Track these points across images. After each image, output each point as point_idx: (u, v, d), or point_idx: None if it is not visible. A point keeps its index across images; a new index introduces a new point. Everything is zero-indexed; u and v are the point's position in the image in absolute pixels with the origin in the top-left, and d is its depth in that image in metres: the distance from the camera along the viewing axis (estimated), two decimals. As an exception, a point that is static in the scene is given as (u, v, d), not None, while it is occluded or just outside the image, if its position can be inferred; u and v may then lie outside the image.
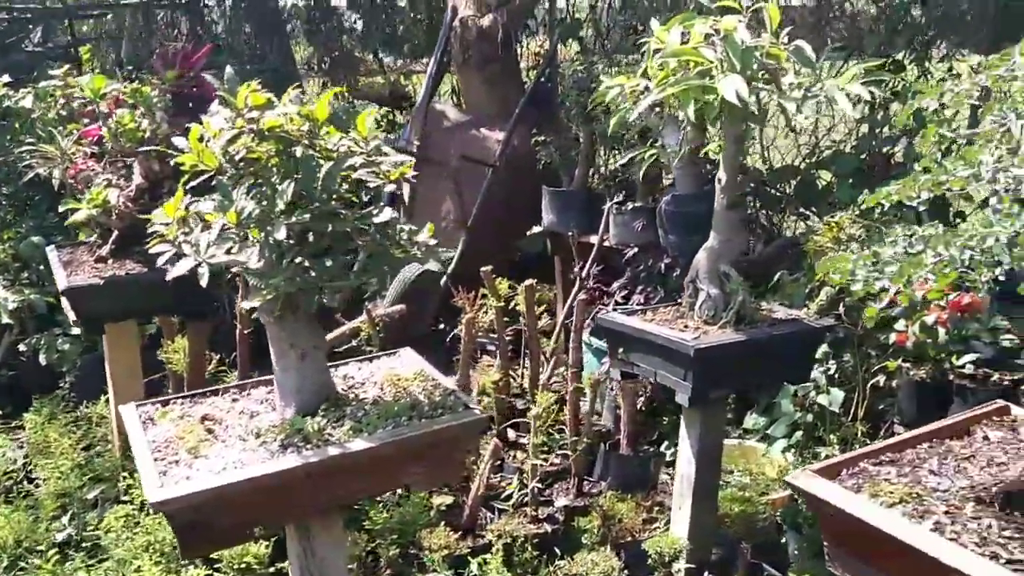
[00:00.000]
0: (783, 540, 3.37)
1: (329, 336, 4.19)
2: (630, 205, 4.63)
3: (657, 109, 3.30)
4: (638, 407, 4.11)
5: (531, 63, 6.65)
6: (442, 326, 5.37)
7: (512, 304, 4.13)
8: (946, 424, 2.35)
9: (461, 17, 5.97)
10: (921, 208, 3.34)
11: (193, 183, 2.04)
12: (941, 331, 3.32)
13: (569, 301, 4.36)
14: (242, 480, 1.95)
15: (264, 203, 1.92)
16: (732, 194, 3.00)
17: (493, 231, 5.84)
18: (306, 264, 2.03)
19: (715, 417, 3.14)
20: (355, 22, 8.61)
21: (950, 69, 4.50)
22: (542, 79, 5.71)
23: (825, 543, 2.10)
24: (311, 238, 2.05)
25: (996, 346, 3.52)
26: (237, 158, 2.02)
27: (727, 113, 2.85)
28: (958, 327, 3.29)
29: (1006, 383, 3.37)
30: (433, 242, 2.30)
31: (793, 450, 3.81)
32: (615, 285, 4.81)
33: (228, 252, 2.01)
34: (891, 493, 2.01)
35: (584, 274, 4.55)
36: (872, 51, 4.67)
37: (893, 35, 4.72)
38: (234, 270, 2.00)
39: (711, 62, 2.75)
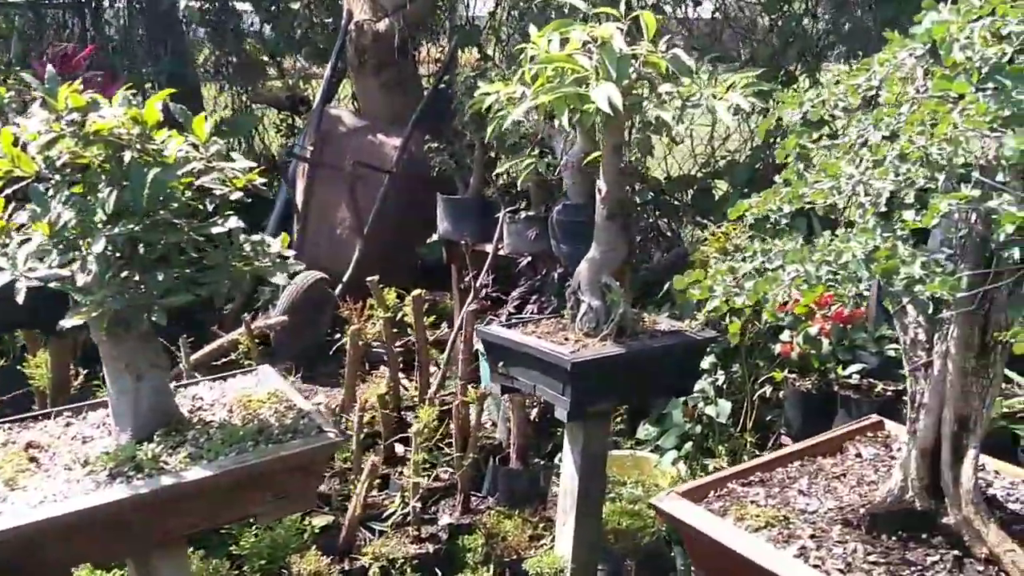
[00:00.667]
0: (672, 554, 3.31)
1: (203, 351, 4.00)
2: (523, 214, 4.54)
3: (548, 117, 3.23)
4: (531, 418, 4.02)
5: (432, 69, 6.53)
6: (339, 336, 5.21)
7: (401, 315, 4.00)
8: (819, 441, 2.31)
9: (356, 21, 5.81)
10: (815, 216, 3.34)
11: (9, 190, 1.86)
12: (825, 342, 3.30)
13: (462, 312, 4.25)
14: (61, 515, 1.78)
15: (83, 212, 1.75)
16: (613, 204, 2.94)
17: (391, 238, 5.70)
18: (136, 278, 1.87)
19: (598, 431, 3.05)
20: (257, 25, 8.37)
21: (814, 81, 4.53)
22: (439, 85, 5.59)
23: (693, 568, 2.03)
24: (142, 250, 1.89)
25: (881, 356, 3.54)
26: (59, 163, 1.85)
27: (604, 122, 2.78)
28: (842, 337, 3.28)
29: (889, 393, 3.38)
30: (289, 253, 2.17)
31: (684, 461, 3.76)
32: (514, 294, 4.73)
33: (51, 266, 1.84)
34: (757, 517, 1.95)
35: (477, 283, 4.46)
36: (764, 62, 4.69)
37: (786, 47, 4.75)
38: (52, 285, 1.82)
39: (586, 70, 2.68)
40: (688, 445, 3.79)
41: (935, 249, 1.94)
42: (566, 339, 2.92)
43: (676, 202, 5.48)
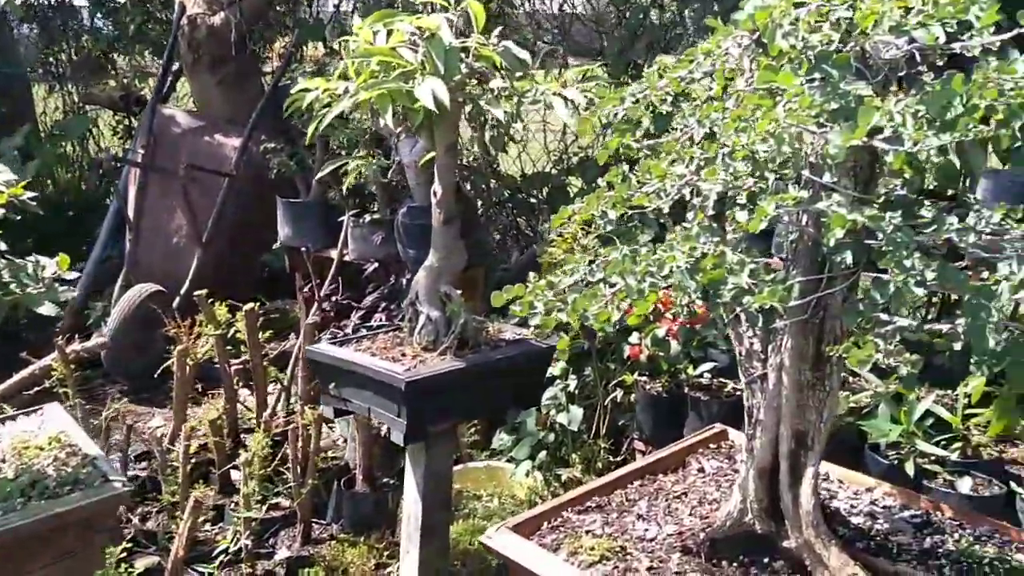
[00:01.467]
0: None
1: (8, 381, 3.60)
2: (367, 217, 4.31)
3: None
4: (380, 436, 3.79)
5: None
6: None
7: (234, 331, 3.70)
8: (661, 457, 2.18)
9: (189, 15, 5.43)
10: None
11: None
12: (673, 343, 3.20)
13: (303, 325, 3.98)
14: None
15: None
16: (448, 208, 2.75)
17: (232, 246, 5.35)
18: None
19: (441, 451, 2.85)
20: (91, 21, 7.80)
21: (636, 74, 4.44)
22: (280, 83, 5.27)
23: (526, 607, 1.86)
24: None
25: (732, 353, 3.47)
26: None
27: (436, 120, 2.59)
28: (689, 338, 3.19)
29: (740, 392, 3.31)
30: (72, 276, 1.89)
31: (539, 471, 3.61)
32: (366, 302, 4.49)
33: None
34: (592, 550, 1.79)
35: (321, 292, 4.19)
36: (613, 57, 4.59)
37: (634, 39, 4.66)
38: None
39: (411, 64, 2.48)
40: (542, 454, 3.65)
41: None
42: (403, 355, 2.71)
43: (533, 200, 5.35)
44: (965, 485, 2.74)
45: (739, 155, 1.56)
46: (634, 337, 3.36)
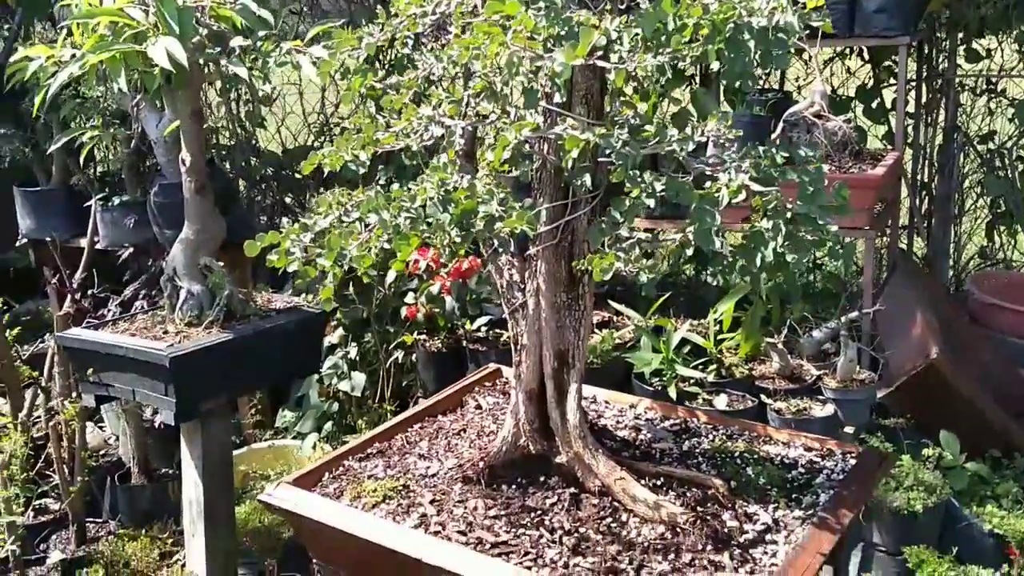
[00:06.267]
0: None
1: None
2: (117, 200, 4.06)
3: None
4: (155, 424, 3.61)
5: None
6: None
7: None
8: (439, 399, 2.22)
9: None
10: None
11: None
12: (448, 299, 3.25)
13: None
14: None
15: None
16: (199, 176, 2.65)
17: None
18: None
19: (218, 429, 2.75)
20: None
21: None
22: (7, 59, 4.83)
23: (315, 564, 1.84)
24: None
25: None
26: None
27: (177, 82, 2.48)
28: (462, 292, 3.25)
29: (515, 340, 3.42)
30: None
31: (326, 443, 3.57)
32: (127, 292, 4.23)
33: None
34: (375, 492, 1.80)
35: (73, 284, 3.91)
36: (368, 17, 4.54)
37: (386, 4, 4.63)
38: None
39: (141, 24, 2.36)
40: (328, 425, 3.61)
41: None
42: (165, 332, 2.60)
43: (298, 175, 5.23)
44: (721, 402, 2.98)
45: (477, 87, 1.60)
46: (410, 297, 3.38)
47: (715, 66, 1.50)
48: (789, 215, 1.55)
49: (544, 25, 1.45)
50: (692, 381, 3.07)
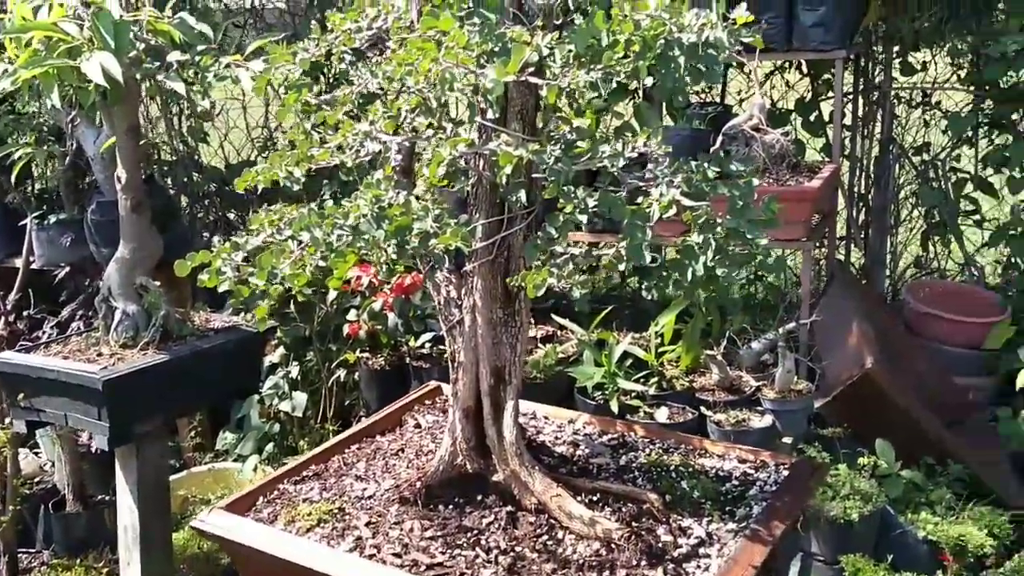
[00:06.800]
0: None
1: None
2: (53, 218, 3.97)
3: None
4: (90, 449, 3.52)
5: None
6: None
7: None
8: (377, 419, 2.20)
9: None
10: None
11: None
12: (390, 316, 3.23)
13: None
14: None
15: None
16: (135, 194, 2.60)
17: None
18: None
19: (153, 453, 2.69)
20: None
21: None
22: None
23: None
24: None
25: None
26: None
27: (112, 98, 2.44)
28: (404, 308, 3.23)
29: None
30: None
31: (267, 465, 3.51)
32: (65, 313, 4.14)
33: None
34: (309, 515, 1.78)
35: (6, 305, 3.81)
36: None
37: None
38: None
39: (76, 39, 2.32)
40: (270, 446, 3.55)
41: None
42: (99, 355, 2.54)
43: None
44: (662, 414, 2.99)
45: (412, 102, 1.59)
46: (352, 314, 3.35)
47: (648, 81, 1.52)
48: (720, 229, 1.57)
49: (477, 41, 1.45)
50: (634, 394, 3.08)
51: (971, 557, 2.65)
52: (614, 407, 2.97)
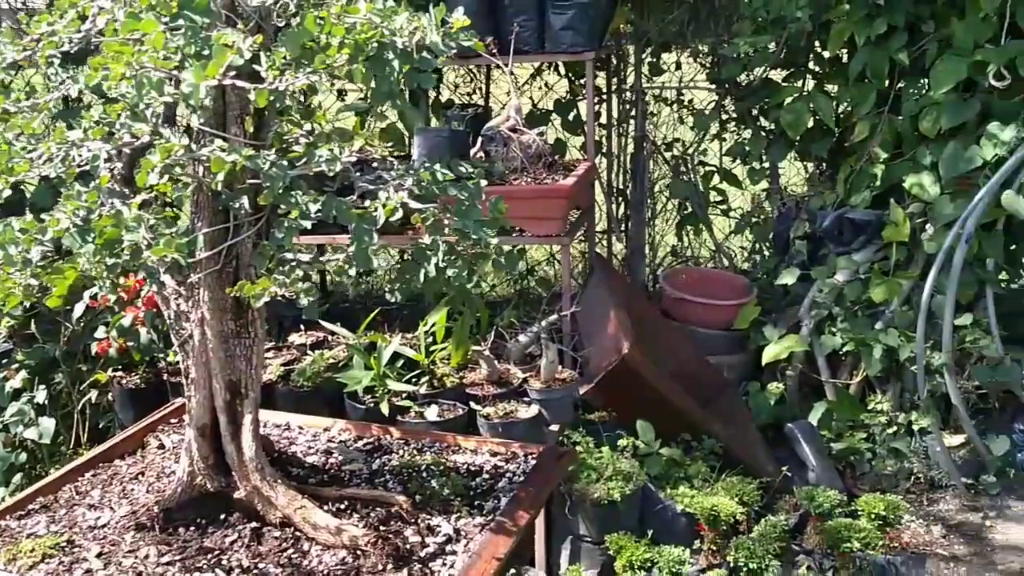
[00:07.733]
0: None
1: None
2: None
3: None
4: None
5: None
6: None
7: None
8: (116, 442, 2.07)
9: None
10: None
11: None
12: (143, 331, 3.06)
13: None
14: None
15: None
16: None
17: None
18: None
19: None
20: None
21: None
22: None
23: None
24: None
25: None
26: None
27: None
28: (161, 323, 3.06)
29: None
30: None
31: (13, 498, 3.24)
32: None
33: None
34: (32, 552, 1.64)
35: None
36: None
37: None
38: None
39: None
40: (18, 478, 3.27)
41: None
42: None
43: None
44: (432, 413, 2.99)
45: (119, 108, 1.50)
46: (100, 331, 3.15)
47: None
48: (447, 231, 1.58)
49: (181, 44, 1.38)
50: (404, 395, 3.06)
51: (724, 525, 2.82)
52: (384, 409, 2.94)
